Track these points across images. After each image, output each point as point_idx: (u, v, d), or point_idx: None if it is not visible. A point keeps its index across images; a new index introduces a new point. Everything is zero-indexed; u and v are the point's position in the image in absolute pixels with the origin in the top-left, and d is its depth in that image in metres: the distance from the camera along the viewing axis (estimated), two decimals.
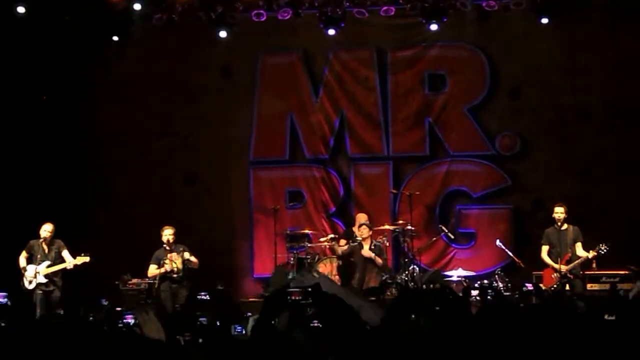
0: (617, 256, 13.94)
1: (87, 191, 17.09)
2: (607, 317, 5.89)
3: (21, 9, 15.95)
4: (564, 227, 14.03)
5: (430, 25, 16.16)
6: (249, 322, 11.15)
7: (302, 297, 13.50)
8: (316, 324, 6.04)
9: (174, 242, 14.24)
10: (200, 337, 6.92)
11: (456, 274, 15.41)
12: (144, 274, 14.66)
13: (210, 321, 9.50)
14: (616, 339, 5.20)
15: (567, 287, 13.84)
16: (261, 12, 16.43)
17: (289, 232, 16.54)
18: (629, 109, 16.07)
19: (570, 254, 13.88)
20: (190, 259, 14.15)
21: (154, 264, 14.23)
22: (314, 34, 16.85)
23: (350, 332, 5.38)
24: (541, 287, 13.80)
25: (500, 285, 14.58)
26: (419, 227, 16.21)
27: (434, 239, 16.37)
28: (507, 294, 14.20)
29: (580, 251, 13.87)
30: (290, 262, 15.99)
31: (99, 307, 13.73)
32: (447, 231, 16.01)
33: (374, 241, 15.36)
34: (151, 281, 14.59)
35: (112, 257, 15.66)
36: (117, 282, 15.27)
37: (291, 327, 5.94)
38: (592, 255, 13.71)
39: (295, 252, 16.04)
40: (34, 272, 13.85)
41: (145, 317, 6.44)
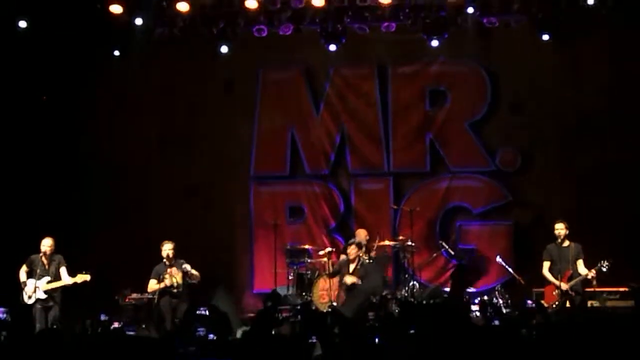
0: (617, 272, 13.87)
1: (87, 205, 17.08)
2: None
3: (23, 23, 16.00)
4: (565, 243, 13.98)
5: (431, 41, 16.18)
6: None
7: (291, 315, 13.53)
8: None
9: (174, 257, 14.22)
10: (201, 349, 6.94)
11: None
12: (143, 288, 14.63)
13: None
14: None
15: (568, 304, 13.77)
16: (262, 27, 16.45)
17: (289, 247, 16.53)
18: (630, 124, 16.05)
19: (571, 271, 13.82)
20: (191, 271, 14.13)
21: (153, 278, 14.21)
22: (315, 50, 16.86)
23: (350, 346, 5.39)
24: (543, 304, 13.75)
25: (500, 301, 14.56)
26: (420, 242, 16.19)
27: (434, 255, 16.37)
28: (507, 310, 14.17)
29: (581, 268, 13.80)
30: (289, 278, 15.95)
31: (98, 322, 13.72)
32: (447, 247, 16.01)
33: (361, 259, 14.97)
34: (151, 296, 14.53)
35: (112, 271, 15.65)
36: (116, 297, 15.25)
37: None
38: (593, 273, 13.65)
39: (295, 267, 16.01)
40: (33, 287, 13.80)
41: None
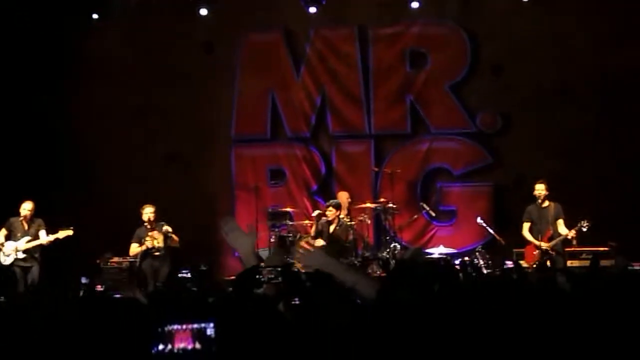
0: (598, 232, 13.96)
1: (67, 170, 17.04)
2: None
3: None
4: (545, 204, 14.04)
5: (411, 2, 16.15)
6: None
7: (274, 276, 13.52)
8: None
9: (155, 220, 14.26)
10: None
11: (437, 252, 15.44)
12: (125, 252, 14.65)
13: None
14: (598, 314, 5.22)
15: (548, 264, 13.87)
16: None
17: (270, 210, 16.52)
18: (612, 86, 15.99)
19: (551, 231, 13.91)
20: (171, 233, 14.16)
21: (135, 242, 14.27)
22: (295, 12, 16.82)
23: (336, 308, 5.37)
24: (521, 264, 13.82)
25: (481, 262, 14.63)
26: (400, 204, 16.19)
27: (415, 217, 16.42)
28: (487, 271, 14.26)
29: (562, 228, 13.88)
30: (270, 240, 15.97)
31: (79, 285, 13.73)
32: (428, 209, 16.06)
33: (340, 220, 15.12)
34: (132, 259, 14.56)
35: (93, 235, 15.63)
36: (98, 261, 15.25)
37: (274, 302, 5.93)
38: (573, 233, 13.74)
39: (276, 230, 16.00)
40: (13, 248, 13.81)
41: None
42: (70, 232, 13.93)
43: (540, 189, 14.05)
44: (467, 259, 14.82)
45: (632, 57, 15.78)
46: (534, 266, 13.79)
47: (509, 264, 14.21)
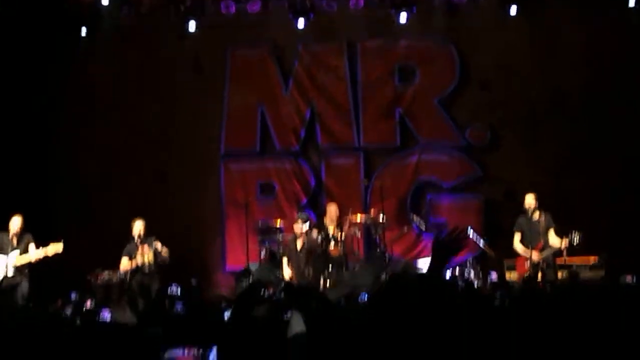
0: (588, 244, 13.95)
1: (56, 185, 17.00)
2: None
3: None
4: (536, 215, 14.05)
5: (399, 15, 16.23)
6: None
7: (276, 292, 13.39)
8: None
9: (145, 234, 14.20)
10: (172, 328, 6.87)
11: (427, 264, 15.36)
12: (115, 267, 14.58)
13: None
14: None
15: (539, 275, 13.85)
16: (230, 4, 16.42)
17: (260, 225, 16.47)
18: (600, 98, 16.07)
19: (543, 242, 13.89)
20: (161, 249, 14.09)
21: (125, 256, 14.20)
22: (283, 27, 16.90)
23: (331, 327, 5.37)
24: (505, 277, 13.90)
25: (472, 273, 14.63)
26: (391, 217, 16.15)
27: (406, 230, 16.40)
28: (477, 282, 14.27)
29: (553, 238, 13.86)
30: (260, 255, 15.92)
31: (69, 301, 13.64)
32: (418, 220, 16.06)
33: (309, 235, 15.07)
34: (122, 275, 14.49)
35: (82, 250, 15.53)
36: (88, 277, 15.15)
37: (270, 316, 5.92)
38: (564, 244, 13.73)
39: (266, 244, 15.98)
40: (4, 264, 13.73)
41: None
42: (59, 247, 13.83)
43: (530, 200, 14.07)
44: (457, 271, 14.89)
45: (620, 70, 15.87)
46: (525, 277, 13.79)
47: (494, 276, 14.23)
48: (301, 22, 16.39)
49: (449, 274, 14.54)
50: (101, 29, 16.82)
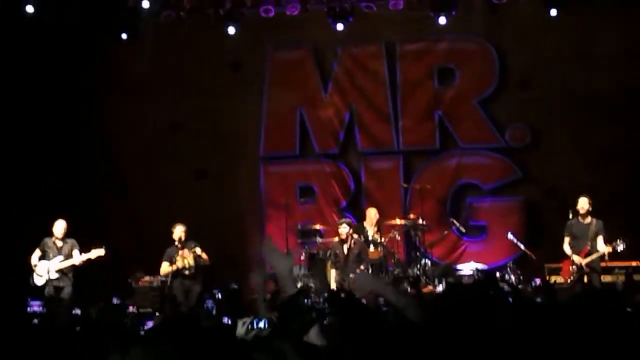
0: (631, 248, 13.82)
1: (98, 189, 17.13)
2: None
3: (30, 8, 16.03)
4: (587, 219, 13.80)
5: (439, 18, 16.14)
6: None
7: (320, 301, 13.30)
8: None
9: (186, 239, 14.29)
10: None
11: (468, 267, 15.38)
12: (155, 271, 14.70)
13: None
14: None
15: (585, 279, 13.70)
16: (269, 7, 16.46)
17: (300, 228, 16.52)
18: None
19: (589, 247, 13.74)
20: (201, 255, 14.18)
21: (166, 261, 14.29)
22: (322, 29, 16.83)
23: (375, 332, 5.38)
24: (548, 282, 13.77)
25: (512, 278, 14.56)
26: (430, 220, 16.15)
27: (445, 233, 16.40)
28: (519, 286, 14.17)
29: (600, 245, 13.68)
30: (301, 257, 15.96)
31: (113, 307, 13.75)
32: (458, 224, 16.02)
33: (354, 238, 14.91)
34: (163, 278, 14.61)
35: (124, 254, 15.72)
36: (129, 280, 15.30)
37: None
38: (608, 251, 13.59)
39: (306, 247, 16.02)
40: (46, 269, 13.92)
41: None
42: (102, 251, 14.00)
43: (583, 204, 13.84)
44: (498, 274, 14.81)
45: None
46: (569, 281, 13.68)
47: (538, 281, 14.13)
48: (340, 25, 16.33)
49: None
50: (142, 32, 16.86)
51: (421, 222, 15.71)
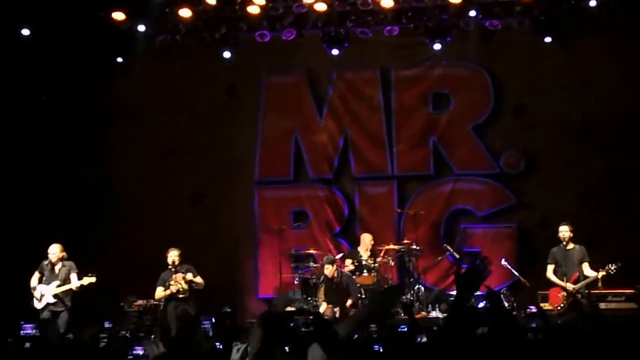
0: (624, 275, 13.83)
1: (93, 212, 17.07)
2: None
3: (26, 31, 16.04)
4: (570, 246, 13.91)
5: (433, 44, 16.20)
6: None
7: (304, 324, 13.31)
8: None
9: (180, 263, 14.25)
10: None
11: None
12: (149, 295, 14.65)
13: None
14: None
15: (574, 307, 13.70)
16: (265, 32, 16.45)
17: (293, 252, 16.50)
18: (634, 125, 15.98)
19: (577, 274, 13.77)
20: (194, 279, 14.15)
21: (160, 285, 14.25)
22: (317, 54, 16.87)
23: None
24: (543, 309, 13.75)
25: (505, 304, 14.52)
26: (424, 246, 16.19)
27: (439, 258, 16.38)
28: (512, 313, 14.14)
29: (587, 271, 13.76)
30: (294, 282, 15.94)
31: (103, 330, 13.69)
32: (452, 250, 16.01)
33: (340, 272, 14.90)
34: (156, 302, 14.58)
35: (118, 278, 15.67)
36: (122, 304, 15.26)
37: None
38: (601, 275, 13.62)
39: (300, 272, 16.00)
40: (43, 293, 13.88)
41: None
42: (93, 280, 13.92)
43: (564, 231, 13.93)
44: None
45: None
46: (559, 309, 13.68)
47: (532, 308, 14.09)
48: (335, 51, 16.38)
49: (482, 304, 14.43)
50: (137, 55, 16.88)
51: (415, 247, 15.71)
